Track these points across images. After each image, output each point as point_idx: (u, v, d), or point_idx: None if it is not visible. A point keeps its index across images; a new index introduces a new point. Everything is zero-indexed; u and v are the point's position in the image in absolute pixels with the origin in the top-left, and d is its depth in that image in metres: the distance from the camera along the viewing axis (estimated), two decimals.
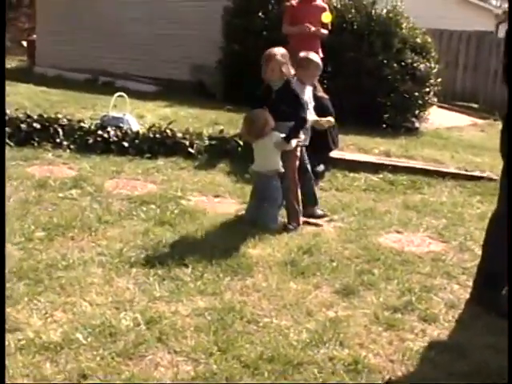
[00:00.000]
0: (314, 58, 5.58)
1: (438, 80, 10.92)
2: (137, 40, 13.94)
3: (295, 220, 5.04)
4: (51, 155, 6.53)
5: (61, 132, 6.97)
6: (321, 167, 6.58)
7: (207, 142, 7.15)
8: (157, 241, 4.41)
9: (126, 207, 5.12)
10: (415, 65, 10.42)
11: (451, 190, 6.57)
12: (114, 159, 6.59)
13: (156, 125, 7.38)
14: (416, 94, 10.38)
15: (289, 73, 4.96)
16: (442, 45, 15.38)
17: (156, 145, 6.96)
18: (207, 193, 5.78)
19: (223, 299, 3.61)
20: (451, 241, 4.98)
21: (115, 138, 6.94)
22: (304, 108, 5.05)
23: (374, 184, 6.50)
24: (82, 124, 7.22)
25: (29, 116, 7.12)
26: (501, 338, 3.39)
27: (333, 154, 6.87)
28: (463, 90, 16.19)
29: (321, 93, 6.94)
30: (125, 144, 6.89)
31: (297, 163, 5.08)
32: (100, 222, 4.69)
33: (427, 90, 10.65)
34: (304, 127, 5.09)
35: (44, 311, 3.30)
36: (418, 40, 10.77)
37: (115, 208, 5.07)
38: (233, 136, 7.13)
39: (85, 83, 12.95)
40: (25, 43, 19.69)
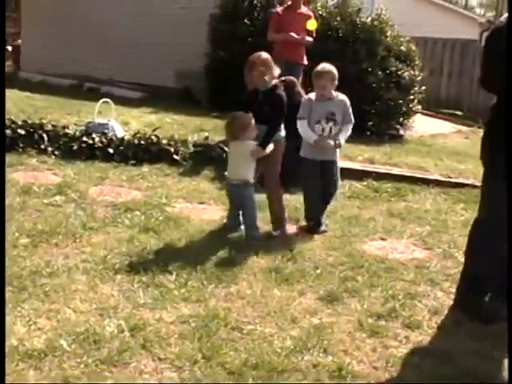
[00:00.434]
0: (317, 68, 5.29)
1: (423, 88, 11.00)
2: (122, 46, 13.91)
3: (279, 227, 5.05)
4: (36, 161, 6.51)
5: (45, 138, 6.94)
6: None
7: (192, 149, 7.15)
8: (141, 248, 4.41)
9: (111, 214, 5.11)
10: (400, 73, 10.49)
11: (435, 197, 6.61)
12: (99, 166, 6.58)
13: (141, 131, 7.38)
14: (400, 102, 10.46)
15: (272, 78, 4.98)
16: (427, 52, 15.49)
17: (141, 151, 6.95)
18: (192, 199, 5.78)
19: (207, 306, 3.61)
20: (435, 248, 5.01)
21: (100, 145, 6.92)
22: (282, 113, 4.98)
23: (359, 191, 6.52)
24: (67, 130, 7.20)
25: (13, 122, 7.09)
26: (484, 344, 3.43)
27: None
28: (447, 98, 16.29)
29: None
30: (110, 150, 6.88)
31: (278, 168, 5.07)
32: (84, 229, 4.68)
33: (411, 98, 10.73)
34: (277, 130, 4.99)
35: (28, 318, 3.29)
36: (403, 48, 10.85)
37: (100, 215, 5.06)
38: (218, 143, 7.14)
39: (70, 89, 12.89)
40: (10, 48, 19.59)
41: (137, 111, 9.59)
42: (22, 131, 6.94)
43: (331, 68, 5.21)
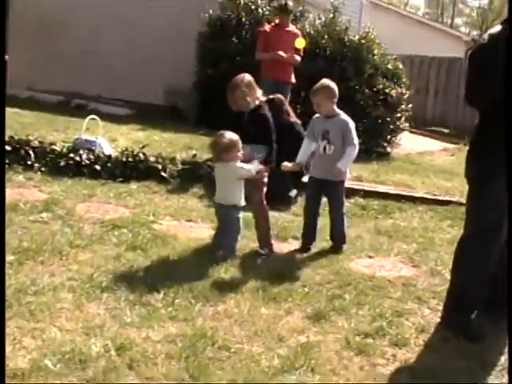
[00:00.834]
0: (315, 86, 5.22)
1: (410, 105, 11.09)
2: (110, 63, 13.94)
3: (266, 245, 5.04)
4: (22, 178, 6.48)
5: (32, 154, 6.92)
6: (293, 192, 6.62)
7: (180, 167, 7.15)
8: (128, 266, 4.38)
9: (98, 231, 5.08)
10: (387, 90, 10.59)
11: (422, 215, 6.63)
12: (86, 183, 6.56)
13: (129, 149, 7.37)
14: (388, 120, 10.54)
15: (254, 99, 5.00)
16: (414, 70, 15.65)
17: (128, 169, 6.93)
18: (180, 217, 5.76)
19: (195, 325, 3.59)
20: (422, 265, 5.03)
21: (87, 162, 6.90)
22: (270, 131, 5.03)
23: (346, 209, 6.53)
24: (54, 147, 7.18)
25: None
26: (471, 362, 3.43)
27: (305, 179, 6.89)
28: (434, 116, 16.44)
29: (294, 118, 7.02)
30: (97, 167, 6.85)
31: (264, 189, 5.07)
32: (71, 247, 4.64)
33: (399, 116, 10.82)
34: (273, 149, 5.04)
35: (12, 337, 3.24)
36: (390, 66, 10.96)
37: (86, 232, 5.03)
38: (206, 160, 7.14)
39: (57, 105, 12.87)
40: None
41: (125, 128, 9.60)
42: (9, 147, 6.90)
43: (327, 85, 5.12)
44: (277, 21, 8.98)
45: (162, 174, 6.94)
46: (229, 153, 4.73)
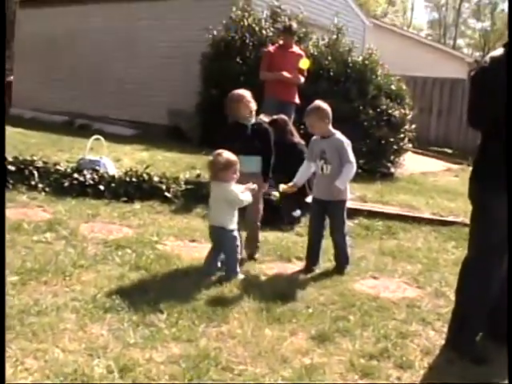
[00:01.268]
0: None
1: (413, 126, 11.11)
2: (115, 83, 14.03)
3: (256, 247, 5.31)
4: (26, 197, 6.49)
5: (36, 174, 6.94)
6: (297, 212, 6.61)
7: (184, 187, 7.17)
8: (132, 286, 4.37)
9: (101, 251, 5.08)
10: (390, 111, 10.62)
11: (426, 236, 6.62)
12: (90, 202, 6.56)
13: (133, 169, 7.39)
14: (391, 140, 10.56)
15: (252, 112, 5.18)
16: (417, 91, 15.69)
17: (132, 189, 6.95)
18: (183, 237, 5.76)
19: (198, 346, 3.57)
20: (426, 286, 5.00)
21: (91, 182, 6.92)
22: (271, 146, 5.20)
23: (350, 229, 6.51)
24: (58, 167, 7.20)
25: (4, 158, 7.09)
26: None
27: (309, 199, 6.89)
28: (437, 136, 16.47)
29: (297, 138, 7.04)
30: (101, 187, 6.87)
31: (260, 208, 5.15)
32: (74, 267, 4.63)
33: (402, 136, 10.84)
34: (270, 163, 5.20)
35: (15, 358, 3.23)
36: (393, 87, 11.00)
37: (90, 252, 5.03)
38: (209, 180, 7.13)
39: (62, 125, 12.95)
40: None
41: (129, 148, 9.62)
42: (13, 167, 6.93)
43: (319, 106, 5.14)
44: (281, 42, 9.04)
45: (166, 194, 6.95)
46: (225, 172, 4.71)
